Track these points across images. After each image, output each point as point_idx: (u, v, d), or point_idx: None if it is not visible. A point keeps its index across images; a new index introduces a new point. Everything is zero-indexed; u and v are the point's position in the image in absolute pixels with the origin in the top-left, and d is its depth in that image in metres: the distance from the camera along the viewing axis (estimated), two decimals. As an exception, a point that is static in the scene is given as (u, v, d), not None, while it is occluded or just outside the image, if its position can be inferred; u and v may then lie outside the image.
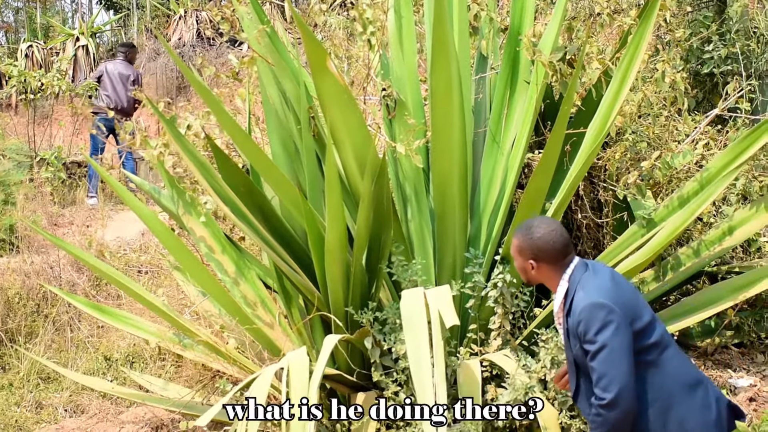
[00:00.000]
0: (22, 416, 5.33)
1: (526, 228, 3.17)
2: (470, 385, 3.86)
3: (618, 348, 2.88)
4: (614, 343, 2.88)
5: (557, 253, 3.10)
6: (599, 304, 2.93)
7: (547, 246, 3.10)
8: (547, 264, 3.12)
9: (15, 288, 6.67)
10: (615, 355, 2.88)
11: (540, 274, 3.16)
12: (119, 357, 5.96)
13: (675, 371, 2.99)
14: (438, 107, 4.02)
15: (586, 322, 2.93)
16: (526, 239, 3.14)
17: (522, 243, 3.16)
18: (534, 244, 3.12)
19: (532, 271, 3.15)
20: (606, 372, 2.89)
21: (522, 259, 3.18)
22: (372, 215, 3.98)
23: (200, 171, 4.31)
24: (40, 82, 10.88)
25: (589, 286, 3.01)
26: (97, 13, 22.14)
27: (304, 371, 3.51)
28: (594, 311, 2.93)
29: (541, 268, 3.14)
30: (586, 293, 2.99)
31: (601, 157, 4.65)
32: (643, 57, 4.01)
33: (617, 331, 2.89)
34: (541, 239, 3.10)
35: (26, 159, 10.55)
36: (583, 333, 2.94)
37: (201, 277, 4.75)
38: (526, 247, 3.15)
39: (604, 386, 2.88)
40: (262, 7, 4.68)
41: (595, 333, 2.90)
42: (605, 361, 2.89)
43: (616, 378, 2.87)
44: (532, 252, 3.13)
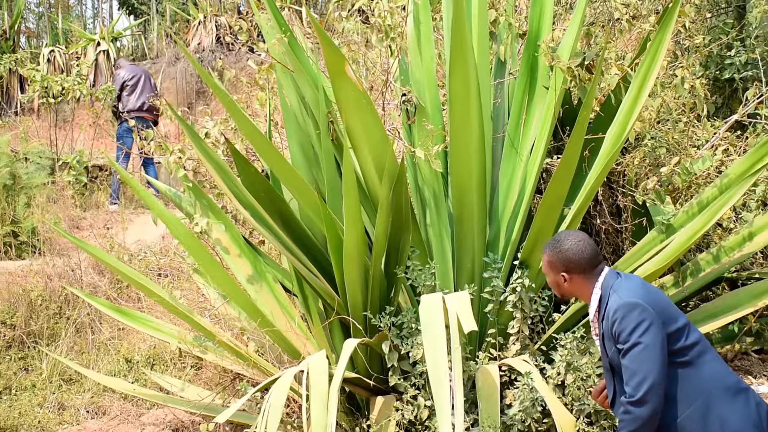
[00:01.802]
0: (45, 417, 5.38)
1: (554, 242, 3.23)
2: (489, 390, 3.87)
3: (651, 346, 2.92)
4: (647, 340, 2.92)
5: (587, 263, 3.15)
6: (633, 304, 2.98)
7: (577, 257, 3.15)
8: (579, 275, 3.17)
9: (38, 290, 6.74)
10: (647, 353, 2.92)
11: (573, 287, 3.21)
12: (140, 359, 6.00)
13: (714, 373, 3.02)
14: (457, 112, 4.04)
15: (620, 322, 2.98)
16: (556, 253, 3.20)
17: (552, 257, 3.21)
18: (564, 256, 3.17)
19: (565, 284, 3.20)
20: (638, 369, 2.92)
21: (554, 274, 3.23)
22: (391, 220, 4.00)
23: (220, 175, 4.35)
24: (61, 86, 10.97)
25: (621, 289, 3.07)
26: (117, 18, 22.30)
27: (323, 374, 3.53)
28: (628, 310, 2.98)
29: (574, 280, 3.18)
30: (619, 295, 3.04)
31: (620, 162, 4.65)
32: (662, 63, 4.01)
33: (650, 329, 2.93)
34: (570, 251, 3.15)
35: (48, 162, 10.64)
36: (617, 333, 2.99)
37: (221, 280, 4.79)
38: (556, 261, 3.20)
39: (636, 383, 2.92)
40: (281, 14, 4.72)
41: (630, 332, 2.95)
42: (637, 358, 2.93)
43: (648, 376, 2.90)
44: (563, 265, 3.18)
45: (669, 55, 4.89)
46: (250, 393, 3.74)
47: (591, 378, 3.87)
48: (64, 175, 10.17)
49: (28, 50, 19.55)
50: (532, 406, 3.81)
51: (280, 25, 4.61)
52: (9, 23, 18.99)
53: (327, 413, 3.35)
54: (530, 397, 3.80)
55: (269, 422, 3.30)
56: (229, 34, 15.79)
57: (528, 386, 3.82)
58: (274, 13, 4.66)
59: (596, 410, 3.82)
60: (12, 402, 5.62)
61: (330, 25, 5.66)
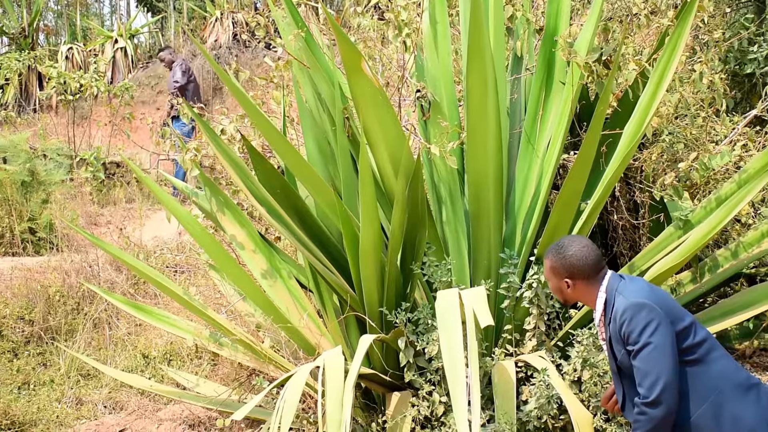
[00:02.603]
0: (63, 412, 5.42)
1: (557, 248, 3.20)
2: (505, 386, 3.86)
3: (661, 346, 2.90)
4: (657, 340, 2.90)
5: (590, 268, 3.13)
6: (640, 304, 2.96)
7: (580, 262, 3.13)
8: (582, 280, 3.16)
9: (56, 286, 6.78)
10: (658, 353, 2.90)
11: (576, 292, 3.19)
12: (157, 355, 6.03)
13: (724, 370, 3.00)
14: (473, 108, 4.03)
15: (629, 323, 2.96)
16: (558, 258, 3.18)
17: (554, 263, 3.19)
18: (567, 262, 3.15)
19: (568, 290, 3.19)
20: (650, 370, 2.90)
21: (557, 279, 3.21)
22: (406, 216, 4.00)
23: (236, 172, 4.36)
24: (78, 83, 11.03)
25: (627, 290, 3.05)
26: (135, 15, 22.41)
27: (339, 370, 3.53)
28: (636, 311, 2.96)
29: (577, 286, 3.17)
30: (625, 297, 3.02)
31: (637, 158, 4.63)
32: (680, 58, 3.99)
33: (659, 329, 2.91)
34: (573, 257, 3.14)
35: (66, 159, 10.70)
36: (627, 334, 2.97)
37: (237, 276, 4.80)
38: (559, 267, 3.18)
39: (649, 384, 2.90)
40: (297, 10, 4.72)
41: (639, 332, 2.93)
42: (648, 358, 2.91)
43: (661, 376, 2.88)
44: (566, 270, 3.16)
45: (687, 50, 4.86)
46: (267, 389, 3.74)
47: (608, 374, 3.85)
48: (81, 171, 10.22)
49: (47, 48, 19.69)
50: (548, 404, 3.80)
51: (297, 21, 4.61)
52: (28, 21, 19.11)
53: (342, 409, 3.35)
54: (546, 394, 3.79)
55: (284, 418, 3.30)
56: (245, 32, 15.84)
57: (544, 383, 3.81)
58: (290, 10, 4.67)
59: (613, 407, 3.80)
60: (31, 397, 5.66)
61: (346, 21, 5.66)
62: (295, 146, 4.80)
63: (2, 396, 5.61)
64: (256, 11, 6.64)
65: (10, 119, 12.55)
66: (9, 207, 8.62)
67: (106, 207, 10.48)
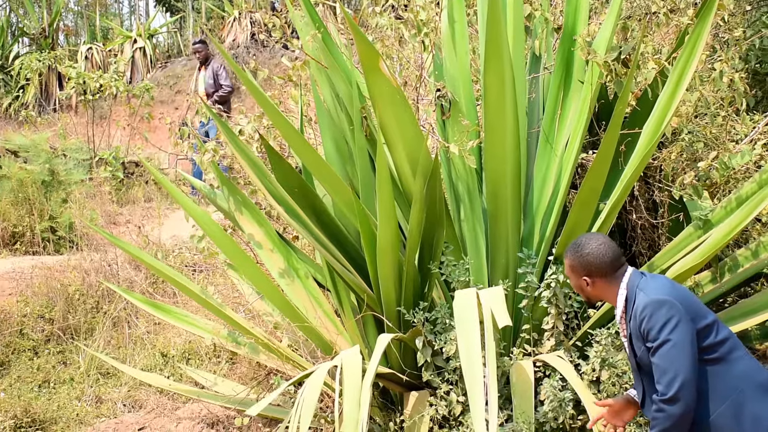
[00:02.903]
0: (83, 410, 5.45)
1: (575, 246, 3.21)
2: (523, 386, 3.86)
3: (680, 343, 2.89)
4: (676, 337, 2.89)
5: (609, 266, 3.12)
6: (661, 301, 2.95)
7: (598, 260, 3.13)
8: (601, 278, 3.15)
9: (75, 285, 6.83)
10: (677, 350, 2.89)
11: (596, 290, 3.19)
12: (176, 353, 6.06)
13: (746, 370, 2.99)
14: (491, 107, 4.02)
15: (649, 319, 2.96)
16: (576, 257, 3.18)
17: (573, 262, 3.20)
18: (585, 260, 3.15)
19: (588, 288, 3.19)
20: (668, 367, 2.89)
21: (576, 278, 3.22)
22: (424, 215, 3.99)
23: (254, 171, 4.38)
24: (98, 83, 11.09)
25: (648, 287, 3.04)
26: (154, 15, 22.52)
27: (357, 369, 3.53)
28: (656, 308, 2.95)
29: (597, 284, 3.17)
30: (646, 293, 3.02)
31: (656, 157, 4.60)
32: (700, 56, 3.96)
33: (679, 326, 2.90)
34: (591, 255, 3.14)
35: (86, 158, 10.76)
36: (646, 331, 2.96)
37: (254, 275, 4.81)
38: (577, 265, 3.19)
39: (667, 381, 2.89)
40: (315, 10, 4.73)
41: (659, 329, 2.93)
42: (667, 355, 2.90)
43: (679, 373, 2.87)
44: (584, 269, 3.16)
45: (707, 49, 4.82)
46: (283, 387, 3.75)
47: (627, 374, 3.84)
48: (100, 171, 10.28)
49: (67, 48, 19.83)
50: (560, 406, 3.78)
51: (314, 21, 4.62)
52: (48, 21, 19.25)
53: (359, 408, 3.36)
54: (559, 397, 3.78)
55: (302, 417, 3.31)
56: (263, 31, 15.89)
57: (555, 387, 3.79)
58: (308, 10, 4.67)
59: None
60: (51, 395, 5.71)
61: (364, 21, 5.66)
62: (313, 145, 4.81)
63: (23, 394, 5.66)
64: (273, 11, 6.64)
65: (31, 119, 12.64)
66: (29, 206, 8.69)
67: (125, 206, 10.53)
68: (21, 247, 8.56)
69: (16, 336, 6.37)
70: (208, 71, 11.14)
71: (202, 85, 11.13)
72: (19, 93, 17.57)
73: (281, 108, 5.46)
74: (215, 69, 11.14)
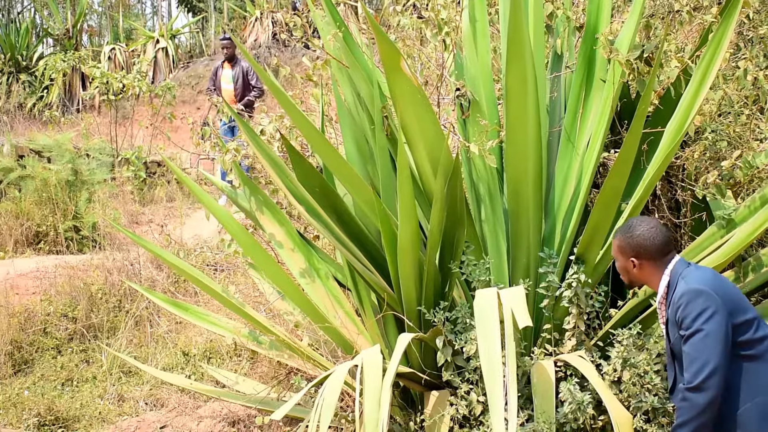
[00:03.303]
0: (105, 408, 5.49)
1: (627, 227, 3.25)
2: (544, 386, 3.84)
3: (713, 333, 2.89)
4: (709, 327, 2.90)
5: (658, 250, 3.15)
6: (698, 290, 2.97)
7: (647, 243, 3.15)
8: (648, 261, 3.18)
9: (98, 284, 6.88)
10: (709, 341, 2.89)
11: (642, 273, 3.21)
12: (197, 352, 6.08)
13: None
14: (513, 106, 4.01)
15: (684, 307, 2.98)
16: (626, 238, 3.21)
17: (622, 242, 3.23)
18: (635, 241, 3.18)
19: (634, 269, 3.22)
20: (697, 356, 2.90)
21: (623, 259, 3.25)
22: (445, 215, 3.99)
23: (275, 171, 4.38)
24: (121, 83, 11.17)
25: (690, 276, 3.07)
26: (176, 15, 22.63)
27: (377, 369, 3.53)
28: (693, 296, 2.97)
29: (643, 266, 3.19)
30: (686, 282, 3.04)
31: (679, 156, 4.56)
32: (724, 55, 3.93)
33: (714, 317, 2.91)
34: (641, 236, 3.17)
35: (109, 158, 10.84)
36: (681, 318, 2.99)
37: (275, 274, 4.82)
38: (626, 246, 3.21)
39: (695, 370, 2.90)
40: (336, 9, 4.73)
41: (693, 318, 2.95)
42: (698, 345, 2.91)
43: (708, 363, 2.88)
44: (633, 250, 3.19)
45: (731, 47, 4.78)
46: (306, 388, 3.76)
47: (648, 374, 3.81)
48: (123, 170, 10.36)
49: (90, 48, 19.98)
50: (578, 409, 3.76)
51: (336, 20, 4.62)
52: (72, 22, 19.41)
53: (380, 408, 3.36)
54: (578, 399, 3.75)
55: (323, 416, 3.31)
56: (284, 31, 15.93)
57: (572, 390, 3.77)
58: (329, 9, 4.68)
59: (653, 407, 3.75)
60: (74, 393, 5.75)
61: (385, 20, 5.66)
62: (334, 145, 4.81)
63: (46, 392, 5.71)
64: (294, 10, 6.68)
65: (55, 119, 12.75)
66: (53, 206, 8.77)
67: (148, 206, 10.61)
68: (45, 246, 8.64)
69: (39, 335, 6.43)
70: (236, 70, 11.04)
71: (230, 84, 11.05)
72: (43, 93, 17.75)
73: (302, 107, 5.47)
74: (245, 68, 11.04)
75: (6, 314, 6.36)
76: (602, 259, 4.10)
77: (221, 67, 11.29)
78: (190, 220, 9.47)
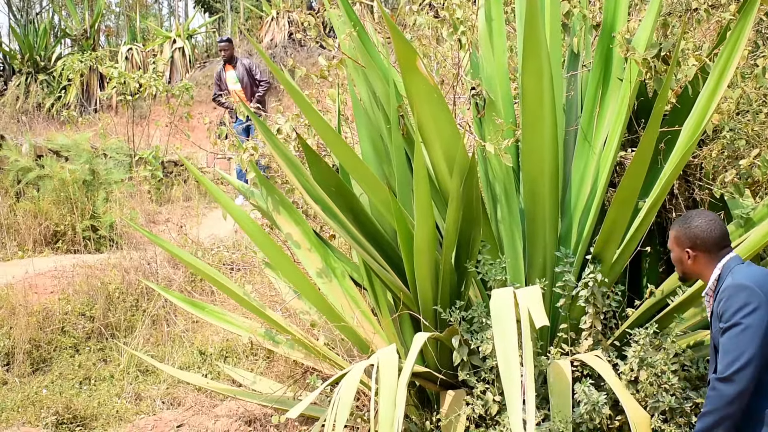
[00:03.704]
0: (123, 407, 5.52)
1: (684, 218, 3.25)
2: (560, 385, 3.83)
3: (751, 328, 2.92)
4: (748, 322, 2.93)
5: (714, 243, 3.16)
6: (743, 285, 2.98)
7: (704, 234, 3.17)
8: (704, 253, 3.18)
9: (115, 283, 6.91)
10: (746, 334, 2.91)
11: (696, 265, 3.22)
12: (213, 351, 6.10)
13: None
14: (529, 105, 3.99)
15: (726, 301, 3.00)
16: (683, 228, 3.22)
17: (679, 233, 3.24)
18: (692, 232, 3.19)
19: (689, 260, 3.23)
20: (732, 348, 2.93)
21: (679, 249, 3.25)
22: (461, 214, 3.98)
23: (292, 170, 4.39)
24: (138, 83, 11.22)
25: (739, 272, 3.07)
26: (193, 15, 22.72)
27: (393, 368, 3.53)
28: (736, 291, 2.98)
29: (698, 258, 3.20)
30: (734, 277, 3.05)
31: (696, 155, 4.54)
32: (742, 53, 3.90)
33: (755, 312, 2.94)
34: (698, 227, 3.18)
35: (126, 158, 10.89)
36: (722, 311, 3.01)
37: (292, 274, 4.83)
38: (683, 236, 3.22)
39: (728, 361, 2.94)
40: (352, 8, 4.73)
41: (734, 312, 2.96)
42: (734, 337, 2.94)
43: (742, 356, 2.90)
44: (689, 240, 3.20)
45: (750, 45, 4.75)
46: (321, 387, 3.76)
47: (665, 374, 3.79)
48: (140, 170, 10.40)
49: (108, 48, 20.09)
50: (593, 410, 3.75)
51: (352, 19, 4.62)
52: (90, 22, 19.51)
53: (395, 407, 3.36)
54: (592, 400, 3.74)
55: (339, 415, 3.31)
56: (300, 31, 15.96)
57: (587, 390, 3.76)
58: (345, 8, 4.68)
59: (671, 407, 3.74)
60: (91, 392, 5.78)
61: (401, 19, 5.65)
62: (350, 144, 4.82)
63: (64, 390, 5.74)
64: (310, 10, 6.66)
65: (72, 119, 12.84)
66: (71, 205, 8.82)
67: (164, 205, 10.65)
68: (62, 245, 8.70)
69: (57, 333, 6.47)
70: (239, 68, 11.13)
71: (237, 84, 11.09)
72: (61, 93, 17.86)
73: (318, 107, 5.48)
74: (247, 65, 11.13)
75: (25, 313, 6.41)
76: (619, 258, 4.08)
77: (223, 70, 11.36)
78: (206, 219, 9.50)
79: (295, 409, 3.53)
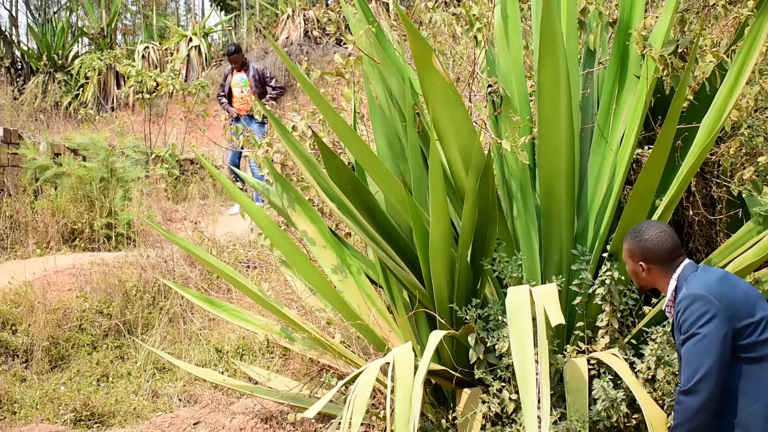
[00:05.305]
0: (140, 404, 5.55)
1: (635, 231, 3.27)
2: (577, 383, 3.82)
3: (708, 337, 2.93)
4: (705, 331, 2.95)
5: (666, 254, 3.18)
6: (697, 295, 2.99)
7: (656, 247, 3.19)
8: (657, 265, 3.21)
9: (132, 281, 6.94)
10: (704, 344, 2.93)
11: (651, 277, 3.25)
12: (230, 349, 6.12)
13: None
14: (545, 103, 3.98)
15: (683, 312, 3.01)
16: (635, 242, 3.25)
17: (632, 246, 3.27)
18: (644, 245, 3.22)
19: (643, 273, 3.26)
20: (692, 360, 2.95)
21: (633, 263, 3.29)
22: (477, 212, 3.98)
23: (307, 168, 4.39)
24: (155, 81, 11.25)
25: (693, 281, 3.09)
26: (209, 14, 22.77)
27: (409, 366, 3.53)
28: (691, 301, 3.00)
29: (652, 270, 3.22)
30: (688, 287, 3.07)
31: (714, 152, 4.51)
32: (761, 49, 3.88)
33: (712, 321, 2.95)
34: (649, 241, 3.21)
35: (143, 156, 10.94)
36: (680, 323, 3.03)
37: (307, 271, 4.84)
38: (635, 250, 3.25)
39: (689, 374, 2.96)
40: (368, 6, 4.73)
41: (691, 323, 2.97)
42: (693, 348, 2.96)
43: (702, 366, 2.91)
44: (642, 254, 3.23)
45: (768, 41, 4.71)
46: (338, 385, 3.76)
47: (683, 373, 3.77)
48: (157, 168, 10.44)
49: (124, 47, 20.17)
50: (611, 407, 3.74)
51: (367, 17, 4.62)
52: (106, 21, 19.60)
53: (411, 405, 3.36)
54: (610, 396, 3.73)
55: (355, 413, 3.31)
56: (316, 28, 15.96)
57: (606, 387, 3.74)
58: (361, 6, 4.68)
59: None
60: (109, 389, 5.82)
61: (417, 17, 5.65)
62: (366, 142, 4.82)
63: (82, 388, 5.78)
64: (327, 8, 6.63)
65: (90, 117, 12.90)
66: (89, 203, 8.87)
67: (181, 203, 10.68)
68: (80, 243, 8.75)
69: (75, 331, 6.50)
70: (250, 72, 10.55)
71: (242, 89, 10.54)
72: (78, 92, 17.96)
73: (334, 105, 5.48)
74: (259, 70, 10.64)
75: (43, 311, 6.45)
76: (636, 256, 4.06)
77: (231, 73, 10.74)
78: (222, 217, 9.53)
79: (312, 408, 3.53)
